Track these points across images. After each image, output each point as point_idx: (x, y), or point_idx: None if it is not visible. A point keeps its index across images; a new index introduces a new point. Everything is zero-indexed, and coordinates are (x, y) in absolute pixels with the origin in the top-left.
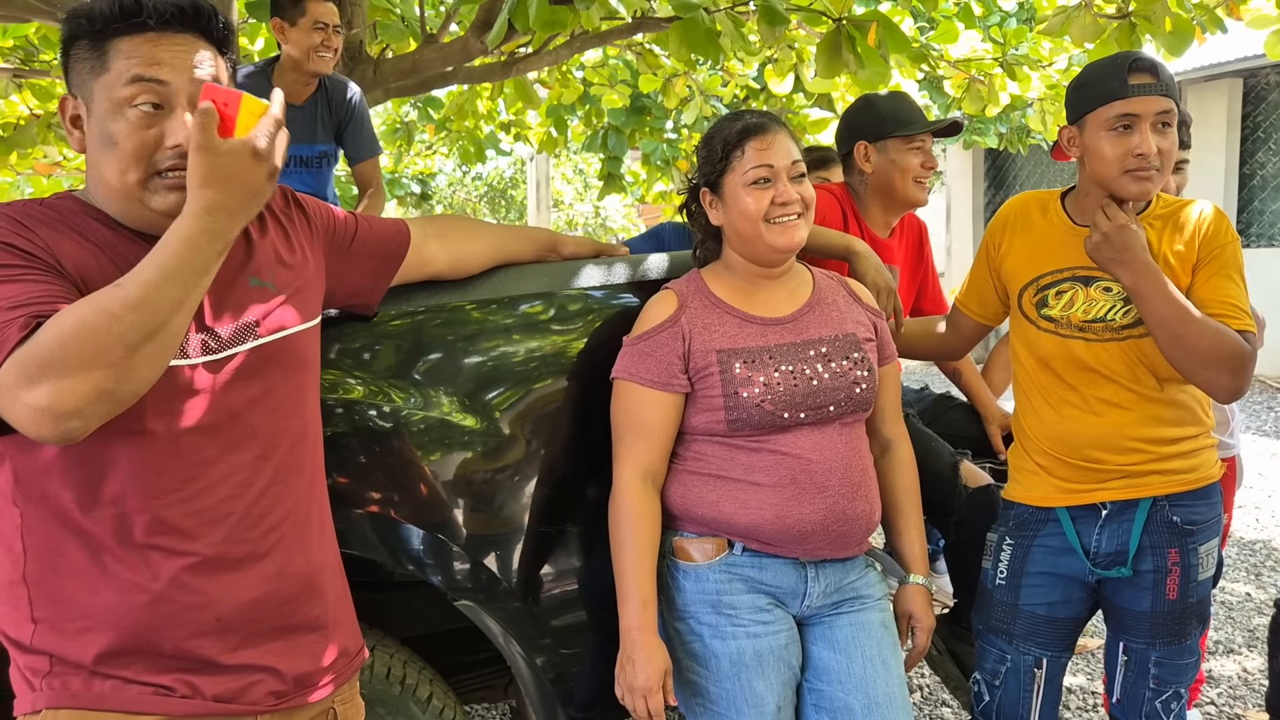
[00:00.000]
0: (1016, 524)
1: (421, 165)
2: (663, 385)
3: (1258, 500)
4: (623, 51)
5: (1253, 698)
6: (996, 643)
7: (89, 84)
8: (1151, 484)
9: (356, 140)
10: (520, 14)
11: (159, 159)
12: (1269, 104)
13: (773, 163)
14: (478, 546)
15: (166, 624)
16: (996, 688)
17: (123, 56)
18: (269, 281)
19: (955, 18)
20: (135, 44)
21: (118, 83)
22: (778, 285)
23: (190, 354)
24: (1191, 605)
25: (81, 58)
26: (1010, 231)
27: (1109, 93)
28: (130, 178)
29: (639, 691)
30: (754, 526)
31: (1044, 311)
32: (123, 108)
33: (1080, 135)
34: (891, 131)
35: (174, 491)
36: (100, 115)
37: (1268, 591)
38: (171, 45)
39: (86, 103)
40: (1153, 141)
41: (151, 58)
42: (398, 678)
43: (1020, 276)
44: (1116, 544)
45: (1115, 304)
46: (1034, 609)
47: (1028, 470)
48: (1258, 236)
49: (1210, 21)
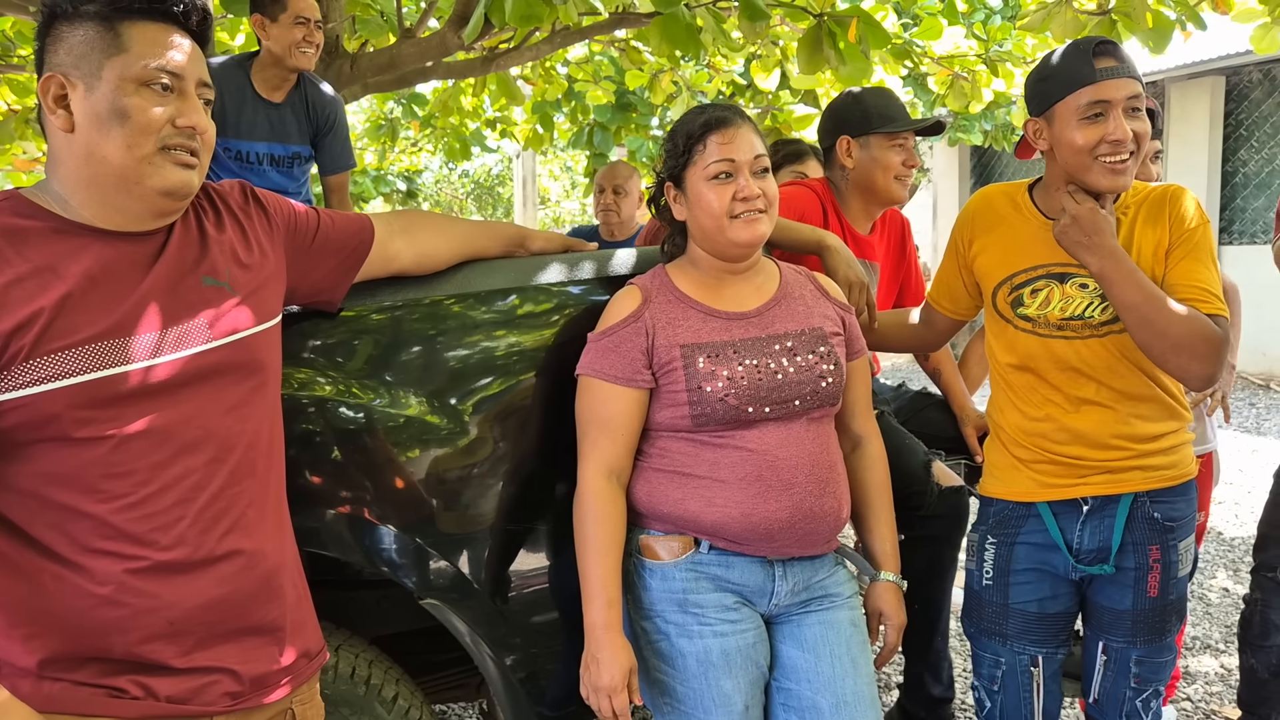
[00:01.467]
0: (997, 521)
1: (407, 162)
2: (626, 381)
3: (1237, 496)
4: (606, 48)
5: (1229, 694)
6: (990, 646)
7: (94, 60)
8: (1133, 479)
9: (333, 151)
10: (496, 8)
11: (166, 135)
12: (1251, 102)
13: (734, 157)
14: (444, 545)
15: (117, 629)
16: (996, 693)
17: (143, 39)
18: (224, 281)
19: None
20: (153, 31)
21: (136, 62)
22: (743, 280)
23: (139, 357)
24: (1171, 603)
25: (84, 36)
26: (979, 228)
27: (1077, 79)
28: (140, 150)
29: (603, 691)
30: (720, 524)
31: (1020, 311)
32: (139, 84)
33: (1048, 127)
34: (875, 127)
35: (123, 496)
36: (109, 92)
37: (1245, 587)
38: (179, 37)
39: (85, 81)
40: (1126, 127)
41: (170, 45)
42: (362, 677)
43: (994, 275)
44: (1099, 540)
45: (1092, 300)
46: (1024, 607)
47: (1006, 465)
48: (1240, 234)
49: (1191, 18)
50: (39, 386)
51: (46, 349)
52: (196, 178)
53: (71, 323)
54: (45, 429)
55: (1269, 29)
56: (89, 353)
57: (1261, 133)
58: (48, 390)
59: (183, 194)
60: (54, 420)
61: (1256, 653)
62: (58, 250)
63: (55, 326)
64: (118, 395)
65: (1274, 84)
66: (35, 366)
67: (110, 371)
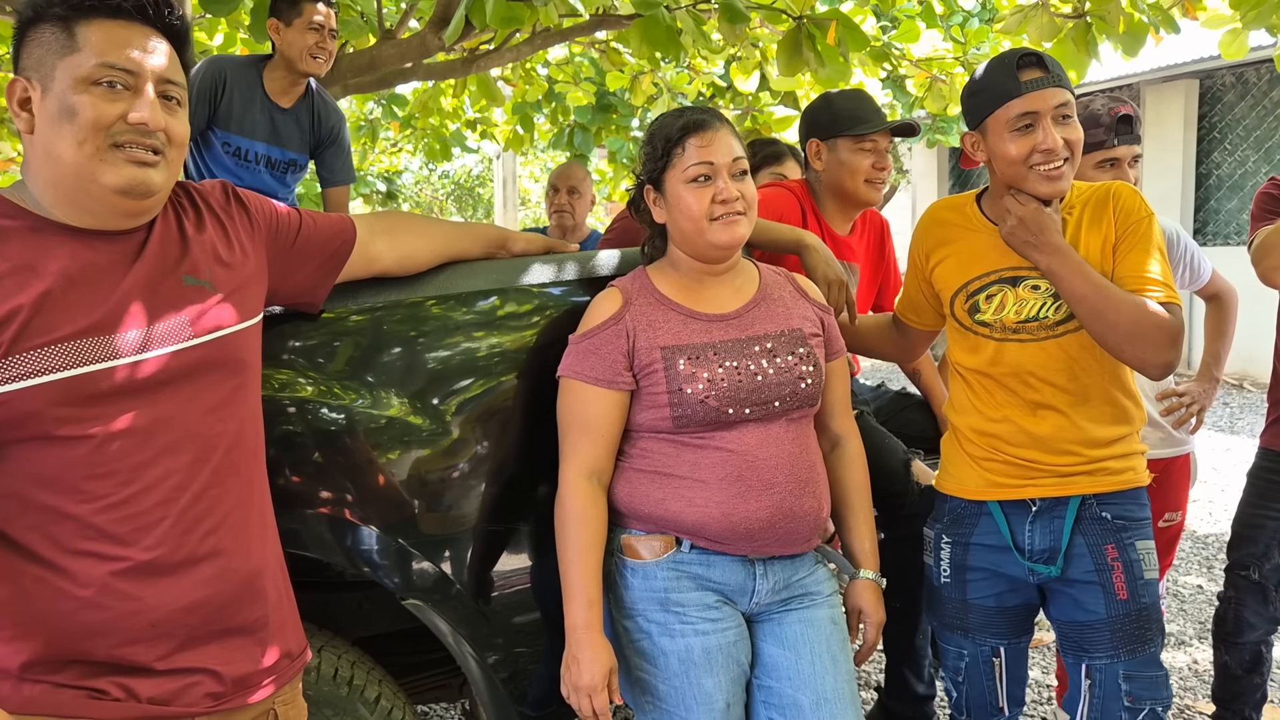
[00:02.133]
0: (952, 519)
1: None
2: (607, 383)
3: (1211, 494)
4: (586, 49)
5: (1202, 689)
6: (953, 639)
7: (49, 63)
8: (1079, 483)
9: (334, 164)
10: (477, 10)
11: (116, 131)
12: (1224, 105)
13: (713, 160)
14: (427, 546)
15: (98, 631)
16: (961, 683)
17: (95, 38)
18: (205, 280)
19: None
20: (109, 29)
21: (87, 61)
22: (723, 282)
23: (119, 354)
24: (1146, 607)
25: (43, 39)
26: (932, 241)
27: (1004, 93)
28: (87, 148)
29: (583, 690)
30: (700, 524)
31: (977, 317)
32: (88, 83)
33: (984, 140)
34: (844, 130)
35: (105, 497)
36: (61, 91)
37: (1219, 584)
38: (141, 35)
39: (43, 83)
40: (1056, 134)
41: (125, 43)
42: (345, 678)
43: (950, 285)
44: (1049, 540)
45: (1045, 301)
46: (983, 602)
47: (959, 461)
48: (1214, 235)
49: (1164, 22)
50: (17, 383)
51: (25, 346)
52: (158, 175)
53: (51, 320)
54: (25, 427)
55: (1237, 35)
56: (68, 349)
57: (1234, 135)
58: (26, 387)
59: (140, 192)
60: (34, 418)
61: (1231, 649)
62: (36, 248)
63: (34, 324)
64: (98, 393)
65: (1246, 87)
66: (13, 363)
67: (90, 368)
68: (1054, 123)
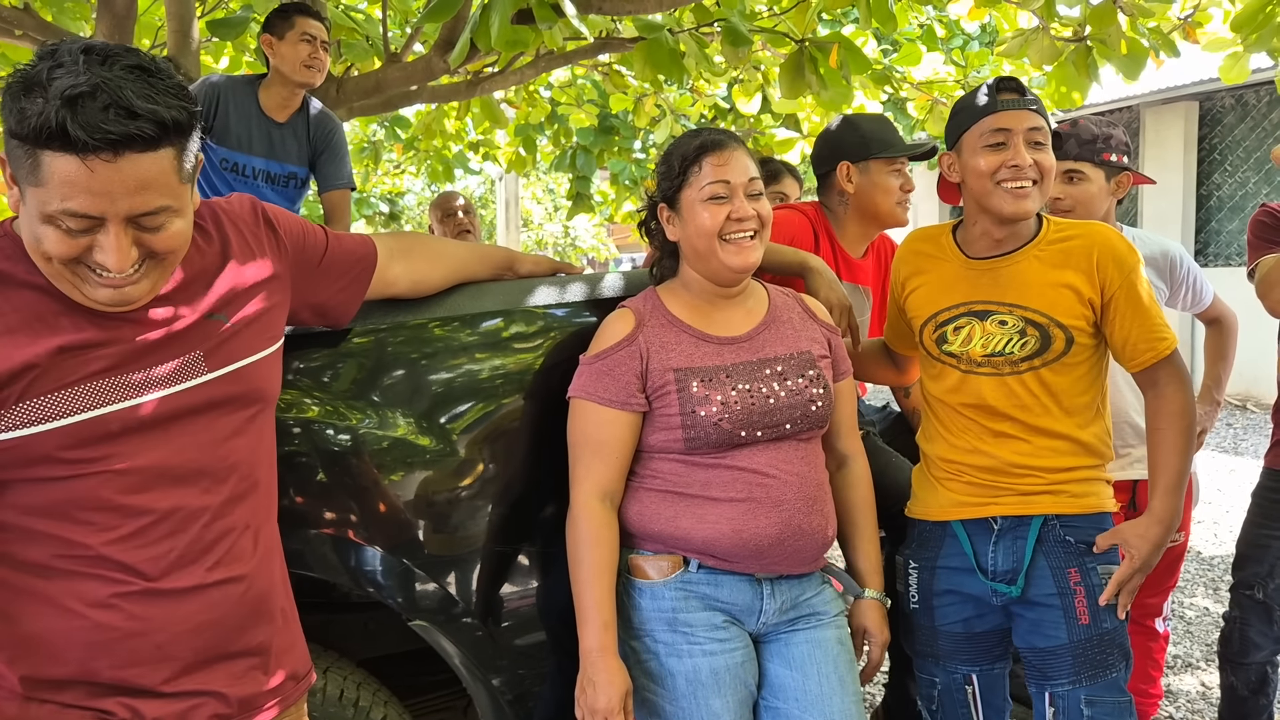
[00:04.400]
0: (919, 544)
1: (390, 184)
2: (620, 404)
3: (1216, 515)
4: (589, 71)
5: (1210, 711)
6: (926, 666)
7: (21, 176)
8: (1042, 503)
9: (330, 168)
10: (483, 33)
11: (87, 259)
12: (1224, 126)
13: (729, 179)
14: (433, 566)
15: (104, 652)
16: (935, 711)
17: (56, 178)
18: (221, 314)
19: (918, 40)
20: (69, 167)
21: (50, 200)
22: (734, 304)
23: (132, 395)
24: (1108, 632)
25: (14, 150)
26: (908, 270)
27: (980, 110)
28: (52, 269)
29: (599, 714)
30: (710, 541)
31: (945, 348)
32: (52, 220)
33: (959, 158)
34: (875, 153)
35: (114, 529)
36: (30, 213)
37: (1225, 606)
38: (110, 170)
39: (20, 185)
40: (1026, 154)
41: (86, 188)
42: (350, 700)
43: (921, 314)
44: (1012, 560)
45: (1011, 337)
46: (951, 628)
47: (927, 485)
48: (1215, 256)
49: (1165, 45)
50: (31, 428)
51: (39, 391)
52: (142, 287)
53: (67, 366)
54: (33, 468)
55: (1238, 59)
56: (82, 393)
57: (1234, 157)
58: (39, 432)
59: (122, 304)
60: (44, 460)
61: (1237, 670)
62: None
63: (49, 374)
64: (109, 433)
65: (1245, 109)
66: (27, 409)
67: (103, 410)
68: (1026, 144)
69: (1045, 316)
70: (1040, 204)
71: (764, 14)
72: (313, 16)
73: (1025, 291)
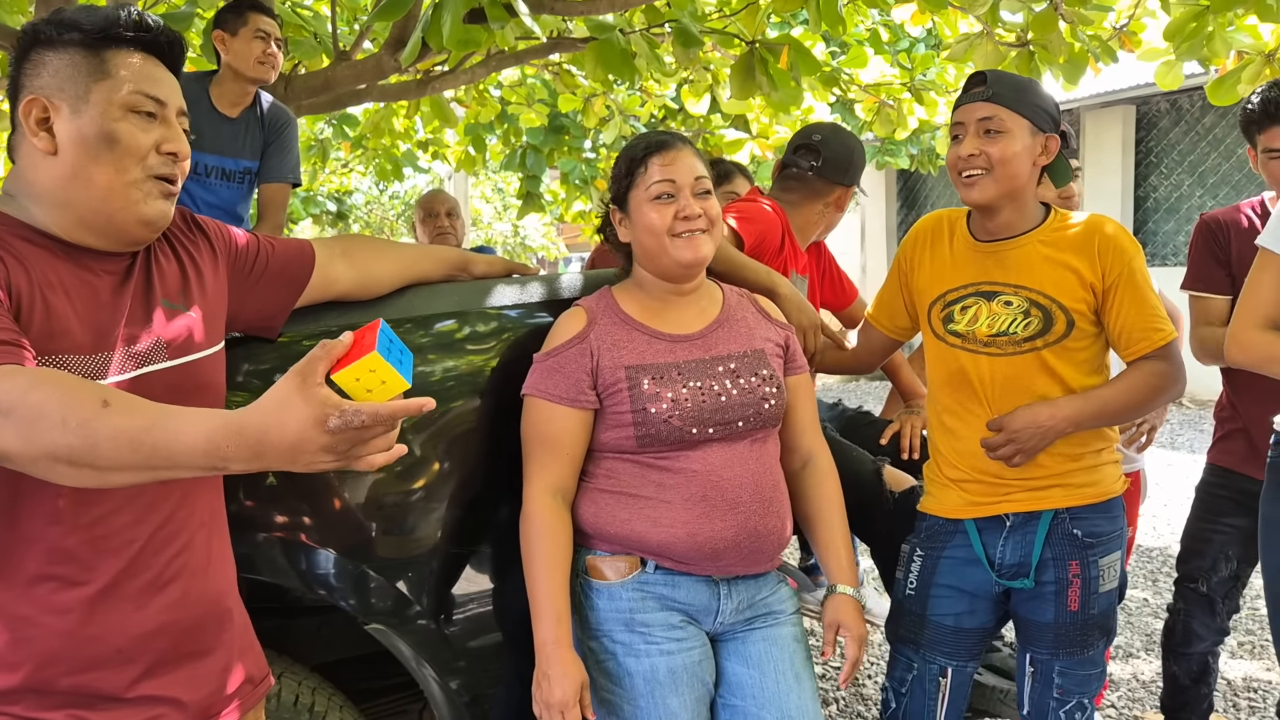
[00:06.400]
0: (927, 535)
1: (337, 183)
2: (571, 401)
3: (1154, 509)
4: (540, 71)
5: (1150, 700)
6: (905, 651)
7: (80, 85)
8: (1053, 496)
9: (274, 160)
10: (434, 32)
11: (152, 163)
12: (1160, 130)
13: (675, 178)
14: (388, 569)
15: (62, 658)
16: (903, 695)
17: (125, 67)
18: (179, 304)
19: (865, 43)
20: (136, 60)
21: (122, 87)
22: (687, 302)
23: (108, 373)
24: (1093, 617)
25: (61, 63)
26: (921, 248)
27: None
28: (128, 175)
29: (555, 707)
30: (666, 545)
31: (950, 327)
32: (126, 109)
33: None
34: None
35: (73, 518)
36: (97, 116)
37: (1164, 597)
38: (160, 69)
39: (71, 104)
40: (973, 144)
41: (153, 76)
42: (306, 705)
43: (928, 293)
44: (1020, 555)
45: (1016, 317)
46: (941, 619)
47: (940, 484)
48: (1151, 256)
49: (1104, 52)
50: None
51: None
52: (172, 209)
53: (51, 329)
54: None
55: (1172, 66)
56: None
57: (1170, 159)
58: None
59: (159, 225)
60: None
61: (1179, 660)
62: (33, 258)
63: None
64: None
65: (1180, 114)
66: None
67: None
68: (976, 134)
69: (1048, 298)
70: (993, 191)
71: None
72: (265, 13)
73: (1030, 273)
